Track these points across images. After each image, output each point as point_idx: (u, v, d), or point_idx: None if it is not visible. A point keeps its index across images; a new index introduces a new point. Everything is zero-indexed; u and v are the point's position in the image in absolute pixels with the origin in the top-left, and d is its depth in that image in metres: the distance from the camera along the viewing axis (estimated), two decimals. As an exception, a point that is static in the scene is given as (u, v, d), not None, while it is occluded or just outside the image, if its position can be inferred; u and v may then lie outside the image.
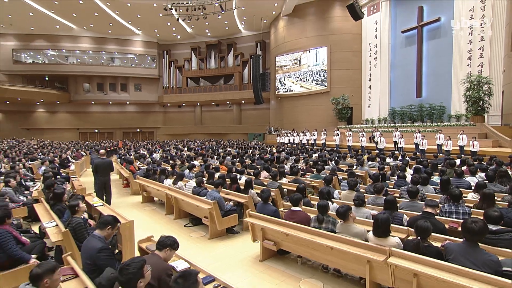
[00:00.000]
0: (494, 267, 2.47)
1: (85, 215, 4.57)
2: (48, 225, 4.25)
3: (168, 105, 34.20)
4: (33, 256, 3.60)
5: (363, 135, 15.47)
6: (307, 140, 18.73)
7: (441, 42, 17.43)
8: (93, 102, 33.03)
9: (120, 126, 34.15)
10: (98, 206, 5.37)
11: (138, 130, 34.79)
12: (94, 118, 33.57)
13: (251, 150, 15.13)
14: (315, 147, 17.71)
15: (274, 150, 15.07)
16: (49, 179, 6.50)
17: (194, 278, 1.88)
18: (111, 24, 27.77)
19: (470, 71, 15.37)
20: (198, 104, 33.61)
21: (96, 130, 33.90)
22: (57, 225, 4.20)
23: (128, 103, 33.72)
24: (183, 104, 33.95)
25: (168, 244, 2.84)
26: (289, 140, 20.40)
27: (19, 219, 5.13)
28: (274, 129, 25.48)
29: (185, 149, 18.25)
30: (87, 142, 27.89)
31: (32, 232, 4.69)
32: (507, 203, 3.91)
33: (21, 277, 3.38)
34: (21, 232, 4.05)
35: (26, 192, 6.94)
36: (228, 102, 32.52)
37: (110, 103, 33.40)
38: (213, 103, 33.17)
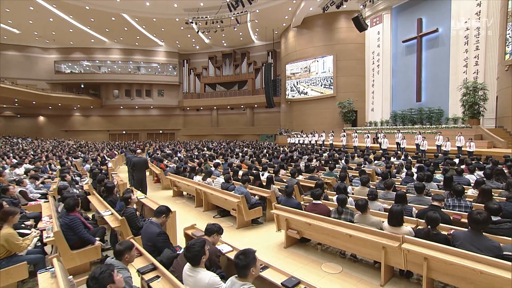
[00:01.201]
0: (496, 251, 2.60)
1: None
2: (105, 213, 4.56)
3: (188, 109, 34.68)
4: (97, 238, 3.92)
5: (368, 136, 15.48)
6: (316, 141, 18.77)
7: (439, 51, 17.23)
8: (121, 107, 33.78)
9: (145, 128, 34.85)
10: (141, 198, 5.71)
11: (160, 131, 35.36)
12: (122, 121, 34.37)
13: (265, 150, 15.27)
14: (323, 147, 17.77)
15: (287, 150, 15.18)
16: (97, 175, 6.87)
17: (253, 255, 2.10)
18: (138, 37, 28.34)
19: (466, 78, 15.19)
20: (215, 107, 33.93)
21: (124, 132, 34.65)
22: (112, 213, 4.51)
23: (152, 107, 34.32)
24: (201, 108, 34.35)
25: (215, 230, 3.09)
26: (298, 141, 20.43)
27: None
28: (285, 131, 25.58)
29: (205, 149, 18.56)
30: (117, 142, 28.67)
31: (90, 219, 5.02)
32: (505, 198, 4.02)
33: (90, 255, 3.73)
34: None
35: (76, 186, 7.31)
36: (242, 106, 32.72)
37: (136, 107, 34.08)
38: (228, 107, 33.43)
